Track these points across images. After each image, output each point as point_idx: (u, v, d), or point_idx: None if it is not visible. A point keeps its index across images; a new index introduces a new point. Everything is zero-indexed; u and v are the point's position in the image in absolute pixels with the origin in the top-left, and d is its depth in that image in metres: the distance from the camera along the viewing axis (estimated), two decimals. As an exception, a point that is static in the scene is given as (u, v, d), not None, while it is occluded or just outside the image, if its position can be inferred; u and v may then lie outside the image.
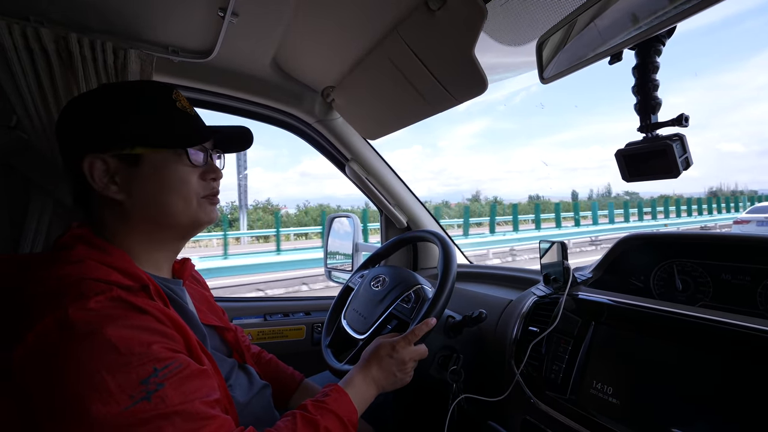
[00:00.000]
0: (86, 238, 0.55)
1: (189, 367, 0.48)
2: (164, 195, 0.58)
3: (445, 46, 0.74)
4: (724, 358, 0.54)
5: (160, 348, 0.46)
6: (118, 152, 0.56)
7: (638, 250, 0.84)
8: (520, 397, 0.75)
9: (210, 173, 0.63)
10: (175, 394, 0.45)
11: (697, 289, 0.76)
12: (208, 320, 0.69)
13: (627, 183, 0.62)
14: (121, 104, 0.58)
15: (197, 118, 0.64)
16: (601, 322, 0.70)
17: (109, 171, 0.56)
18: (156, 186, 0.58)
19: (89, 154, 0.55)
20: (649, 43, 0.56)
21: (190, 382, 0.47)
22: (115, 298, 0.47)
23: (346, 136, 1.26)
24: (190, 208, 0.60)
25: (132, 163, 0.56)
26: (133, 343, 0.44)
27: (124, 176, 0.56)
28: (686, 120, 0.54)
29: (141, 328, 0.46)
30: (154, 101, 0.60)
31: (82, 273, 0.48)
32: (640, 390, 0.60)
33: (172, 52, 0.97)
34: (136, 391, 0.42)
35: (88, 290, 0.46)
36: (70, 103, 0.60)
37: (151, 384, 0.43)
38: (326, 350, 0.94)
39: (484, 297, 1.07)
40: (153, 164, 0.57)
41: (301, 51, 1.01)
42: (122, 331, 0.44)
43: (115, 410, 0.41)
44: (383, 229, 1.53)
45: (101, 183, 0.55)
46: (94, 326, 0.43)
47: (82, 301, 0.44)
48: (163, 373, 0.45)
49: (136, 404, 0.42)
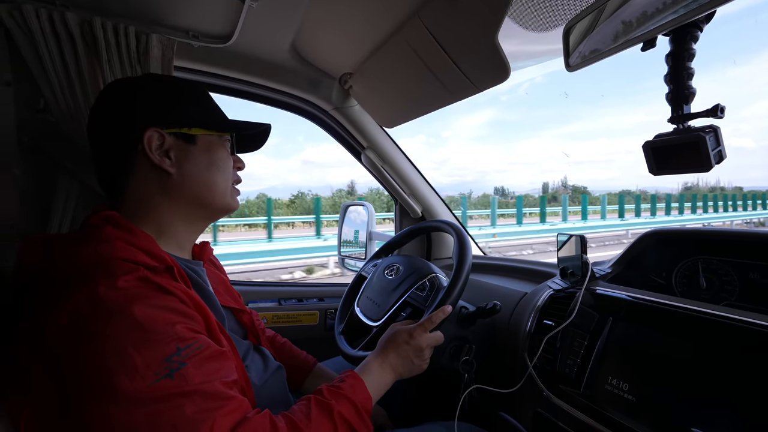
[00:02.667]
0: (114, 219, 0.56)
1: (209, 348, 0.50)
2: (211, 173, 0.64)
3: (468, 32, 0.72)
4: (747, 359, 0.52)
5: (183, 328, 0.48)
6: (176, 130, 0.61)
7: (661, 246, 0.81)
8: (533, 389, 0.75)
9: (237, 162, 0.71)
10: (197, 373, 0.46)
11: (722, 288, 0.73)
12: (225, 302, 0.71)
13: (652, 177, 0.59)
14: (175, 90, 0.64)
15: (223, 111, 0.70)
16: (619, 318, 0.69)
17: (163, 146, 0.60)
18: (205, 163, 0.63)
19: (150, 128, 0.59)
20: (686, 29, 0.53)
21: (211, 363, 0.49)
22: (142, 278, 0.48)
23: (363, 123, 1.26)
24: (227, 191, 0.66)
25: (188, 141, 0.62)
26: (158, 322, 0.46)
27: (179, 152, 0.61)
28: (722, 111, 0.51)
29: (166, 308, 0.48)
30: (199, 92, 0.67)
31: (112, 253, 0.50)
32: (659, 388, 0.59)
33: (192, 36, 0.98)
34: (160, 368, 0.43)
35: (117, 269, 0.47)
36: (117, 86, 0.64)
37: (174, 362, 0.44)
38: (339, 337, 0.95)
39: (499, 289, 1.07)
40: (206, 144, 0.63)
41: (320, 36, 1.00)
42: (148, 310, 0.46)
43: (141, 385, 0.42)
44: (398, 218, 1.52)
45: (158, 155, 0.59)
46: (122, 305, 0.45)
47: (111, 280, 0.46)
48: (186, 352, 0.46)
49: (159, 380, 0.43)
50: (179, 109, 0.62)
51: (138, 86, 0.64)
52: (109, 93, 0.63)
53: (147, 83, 0.64)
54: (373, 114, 1.19)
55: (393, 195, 1.44)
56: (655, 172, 0.59)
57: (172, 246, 0.62)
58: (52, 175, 0.92)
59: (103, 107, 0.62)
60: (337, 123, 1.27)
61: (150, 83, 0.64)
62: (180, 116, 0.62)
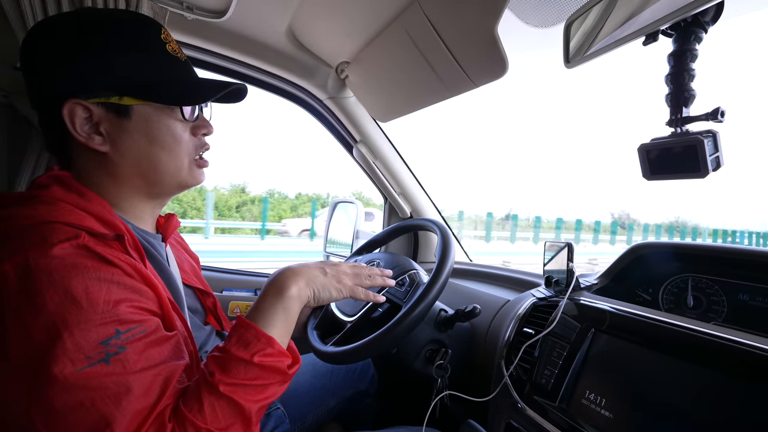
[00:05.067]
0: (64, 179, 0.51)
1: (156, 333, 0.45)
2: (155, 152, 0.53)
3: (467, 21, 0.70)
4: (732, 380, 0.49)
5: (128, 308, 0.43)
6: (104, 100, 0.50)
7: (650, 260, 0.78)
8: (507, 399, 0.71)
9: (201, 128, 0.58)
10: (138, 358, 0.41)
11: (710, 308, 0.71)
12: (188, 281, 0.67)
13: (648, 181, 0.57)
14: (106, 41, 0.50)
15: (188, 66, 0.57)
16: (601, 330, 0.65)
17: (92, 120, 0.50)
18: (146, 141, 0.52)
19: (70, 99, 0.48)
20: (690, 29, 0.51)
21: (155, 348, 0.44)
22: (82, 246, 0.43)
23: (357, 116, 1.23)
24: (181, 170, 0.56)
25: (120, 114, 0.51)
26: (98, 299, 0.41)
27: (111, 127, 0.51)
28: (722, 114, 0.48)
29: (108, 281, 0.43)
30: (143, 41, 0.52)
31: (53, 215, 0.45)
32: (636, 405, 0.55)
33: (186, 8, 0.94)
34: (94, 352, 0.39)
35: (54, 235, 0.42)
36: (39, 30, 0.50)
37: (112, 346, 0.40)
38: (312, 332, 0.91)
39: (481, 295, 1.03)
40: (144, 117, 0.52)
41: (318, 21, 0.97)
42: (87, 283, 0.41)
43: (70, 370, 0.37)
44: (386, 217, 1.49)
45: (83, 133, 0.50)
46: (55, 276, 0.40)
47: (44, 248, 0.41)
48: (126, 336, 0.41)
49: (93, 365, 0.38)
50: (111, 71, 0.49)
51: (53, 34, 0.50)
52: (28, 41, 0.50)
53: (65, 29, 0.50)
54: (367, 106, 1.16)
55: (383, 193, 1.41)
56: (648, 177, 0.56)
57: (130, 215, 0.57)
58: (25, 134, 0.88)
59: (22, 64, 0.51)
60: (330, 113, 1.24)
61: (77, 28, 0.50)
62: (109, 80, 0.49)
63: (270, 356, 0.48)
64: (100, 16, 0.52)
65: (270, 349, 0.48)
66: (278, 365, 0.48)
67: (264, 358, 0.47)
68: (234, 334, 0.49)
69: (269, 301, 0.53)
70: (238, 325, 0.50)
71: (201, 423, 0.42)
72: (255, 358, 0.46)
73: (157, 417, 0.41)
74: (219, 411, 0.43)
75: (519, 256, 11.68)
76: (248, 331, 0.48)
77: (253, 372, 0.46)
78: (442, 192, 36.82)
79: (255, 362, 0.46)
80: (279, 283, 0.55)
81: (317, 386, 0.96)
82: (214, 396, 0.43)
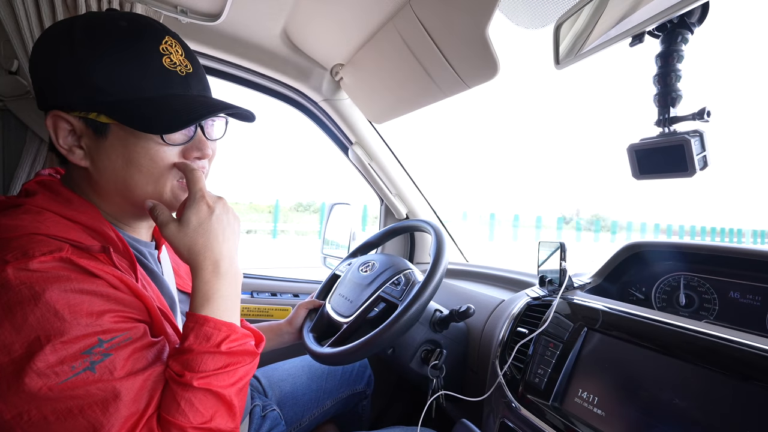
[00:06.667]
0: (52, 186, 0.50)
1: (143, 338, 0.44)
2: (131, 175, 0.49)
3: (459, 23, 0.70)
4: (724, 378, 0.50)
5: (113, 318, 0.42)
6: (83, 114, 0.47)
7: (643, 259, 0.79)
8: (501, 399, 0.71)
9: (194, 151, 0.52)
10: (125, 363, 0.41)
11: (701, 306, 0.71)
12: (184, 287, 0.67)
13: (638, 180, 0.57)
14: (90, 50, 0.45)
15: (188, 82, 0.50)
16: (594, 328, 0.66)
17: (75, 133, 0.48)
18: (123, 162, 0.48)
19: (53, 110, 0.47)
20: (676, 30, 0.51)
21: (143, 352, 0.44)
22: (64, 260, 0.42)
23: (352, 118, 1.23)
24: (162, 195, 0.51)
25: (98, 131, 0.47)
26: (81, 311, 0.40)
27: (91, 143, 0.48)
28: (708, 114, 0.49)
29: (91, 294, 0.42)
30: (133, 52, 0.46)
31: (36, 227, 0.43)
32: (629, 403, 0.56)
33: (180, 12, 0.95)
34: (78, 362, 0.38)
35: (35, 248, 0.41)
36: (42, 38, 0.48)
37: (96, 354, 0.39)
38: (308, 334, 0.91)
39: (476, 295, 1.04)
40: (120, 137, 0.47)
41: (312, 23, 0.98)
42: (68, 296, 0.40)
43: (53, 382, 0.37)
44: (382, 218, 1.49)
45: (65, 145, 0.48)
46: (36, 289, 0.39)
47: (24, 260, 0.40)
48: (110, 344, 0.41)
49: (78, 375, 0.38)
50: (83, 82, 0.45)
51: (42, 41, 0.48)
52: (33, 50, 0.49)
53: (54, 36, 0.47)
54: (362, 108, 1.16)
55: (379, 194, 1.41)
56: (638, 177, 0.57)
57: (119, 223, 0.55)
58: (21, 138, 0.89)
59: (29, 70, 0.50)
60: (326, 115, 1.25)
61: (58, 35, 0.47)
62: (86, 93, 0.46)
63: (236, 341, 0.48)
64: (95, 22, 0.47)
65: (234, 334, 0.48)
66: (246, 347, 0.49)
67: (231, 345, 0.47)
68: (190, 332, 0.46)
69: (212, 284, 0.49)
70: (191, 322, 0.47)
71: (185, 423, 0.42)
72: (222, 347, 0.46)
73: (146, 423, 0.41)
74: (198, 405, 0.43)
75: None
76: (206, 325, 0.47)
77: (221, 360, 0.46)
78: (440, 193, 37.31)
79: (223, 351, 0.46)
80: (211, 262, 0.49)
81: (313, 388, 0.96)
82: (189, 392, 0.43)
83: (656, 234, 23.26)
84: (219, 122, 0.57)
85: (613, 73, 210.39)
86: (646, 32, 0.52)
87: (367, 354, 0.73)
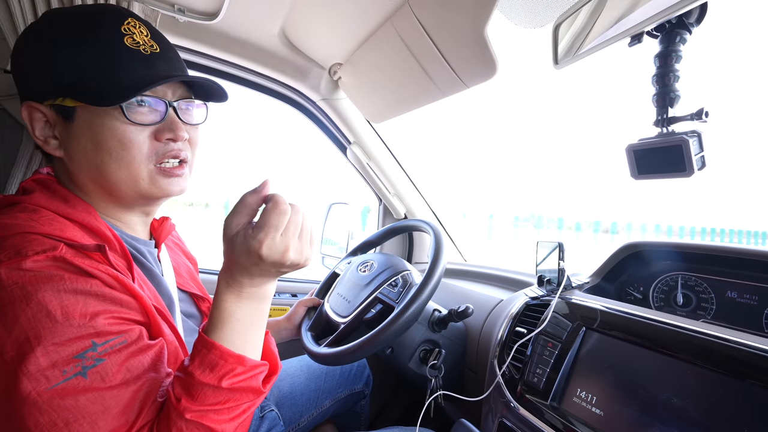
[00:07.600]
0: (48, 184, 0.49)
1: (138, 342, 0.43)
2: (102, 159, 0.48)
3: (457, 22, 0.70)
4: (721, 377, 0.50)
5: (107, 319, 0.41)
6: (53, 102, 0.47)
7: (640, 259, 0.79)
8: (500, 399, 0.71)
9: (165, 132, 0.50)
10: (119, 370, 0.40)
11: (699, 305, 0.72)
12: (185, 286, 0.66)
13: (635, 180, 0.57)
14: (55, 36, 0.46)
15: (152, 61, 0.49)
16: (592, 328, 0.66)
17: (50, 123, 0.48)
18: (92, 146, 0.47)
19: (26, 102, 0.48)
20: (675, 30, 0.51)
21: (138, 357, 0.42)
22: (58, 259, 0.41)
23: (351, 117, 1.23)
24: (138, 180, 0.49)
25: (66, 117, 0.47)
26: (74, 312, 0.39)
27: (62, 130, 0.48)
28: (706, 115, 0.49)
29: (85, 293, 0.41)
30: (92, 33, 0.47)
31: (31, 225, 0.43)
32: (627, 403, 0.56)
33: (178, 10, 0.94)
34: (69, 366, 0.37)
35: (28, 247, 0.40)
36: (22, 35, 0.49)
37: (88, 358, 0.38)
38: (306, 333, 0.91)
39: (474, 294, 1.04)
40: (86, 120, 0.47)
41: (310, 22, 0.98)
42: (61, 296, 0.39)
43: (44, 387, 0.36)
44: (380, 218, 1.49)
45: (41, 137, 0.48)
46: (29, 288, 0.38)
47: (17, 260, 0.39)
48: (103, 348, 0.39)
49: (69, 380, 0.37)
50: (50, 68, 0.46)
51: (28, 37, 0.48)
52: (14, 47, 0.49)
53: (30, 30, 0.49)
54: (360, 107, 1.16)
55: (377, 194, 1.41)
56: (636, 177, 0.57)
57: (115, 220, 0.54)
58: (17, 137, 0.88)
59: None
60: (324, 115, 1.24)
61: (32, 28, 0.49)
62: (53, 80, 0.46)
63: (240, 376, 0.43)
64: (60, 11, 0.49)
65: (240, 368, 0.43)
66: (251, 384, 0.44)
67: (234, 381, 0.42)
68: (196, 355, 0.43)
69: (236, 306, 0.45)
70: (199, 344, 0.44)
71: None
72: (223, 382, 0.42)
73: None
74: None
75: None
76: (212, 352, 0.42)
77: (222, 396, 0.42)
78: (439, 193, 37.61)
79: (224, 387, 0.42)
80: (253, 282, 0.45)
81: (312, 388, 0.96)
82: (182, 421, 0.40)
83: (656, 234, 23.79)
84: (199, 109, 0.56)
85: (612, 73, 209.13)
86: (645, 32, 0.52)
87: (364, 355, 0.73)
